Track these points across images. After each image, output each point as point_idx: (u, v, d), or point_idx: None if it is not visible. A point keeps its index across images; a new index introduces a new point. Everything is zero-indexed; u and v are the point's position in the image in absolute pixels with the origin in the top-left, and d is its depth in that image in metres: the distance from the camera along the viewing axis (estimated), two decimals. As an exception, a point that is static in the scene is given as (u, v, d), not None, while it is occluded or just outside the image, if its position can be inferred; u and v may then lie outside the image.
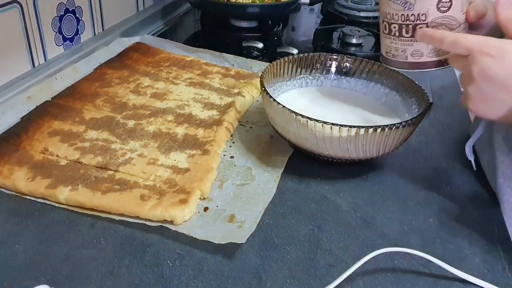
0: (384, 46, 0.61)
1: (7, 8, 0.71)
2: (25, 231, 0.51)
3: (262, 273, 0.48)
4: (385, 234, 0.54)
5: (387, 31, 0.58)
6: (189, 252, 0.50)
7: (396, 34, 0.57)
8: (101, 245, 0.50)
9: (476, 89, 0.49)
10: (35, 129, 0.65)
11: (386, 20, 0.58)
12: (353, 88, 0.77)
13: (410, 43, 0.57)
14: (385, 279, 0.49)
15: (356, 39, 1.03)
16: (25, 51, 0.76)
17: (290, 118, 0.59)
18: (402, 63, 0.59)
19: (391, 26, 0.57)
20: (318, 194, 0.60)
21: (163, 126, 0.69)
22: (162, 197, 0.55)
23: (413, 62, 0.58)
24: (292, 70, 0.75)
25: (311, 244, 0.52)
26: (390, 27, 0.58)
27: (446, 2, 0.53)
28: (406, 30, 0.56)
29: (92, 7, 0.91)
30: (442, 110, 0.83)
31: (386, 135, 0.58)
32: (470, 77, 0.49)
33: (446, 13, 0.54)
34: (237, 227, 0.53)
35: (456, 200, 0.61)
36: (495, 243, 0.54)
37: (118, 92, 0.77)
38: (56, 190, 0.55)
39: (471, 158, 0.64)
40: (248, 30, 1.09)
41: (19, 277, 0.46)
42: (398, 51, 0.58)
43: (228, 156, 0.66)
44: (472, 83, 0.49)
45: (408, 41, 0.57)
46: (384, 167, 0.66)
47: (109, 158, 0.61)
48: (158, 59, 0.90)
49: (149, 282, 0.46)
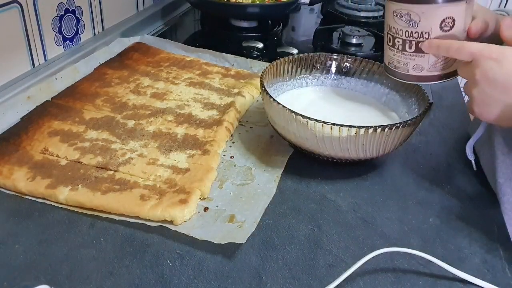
0: (387, 56, 0.62)
1: (7, 8, 0.71)
2: (25, 231, 0.51)
3: (262, 273, 0.48)
4: (385, 234, 0.54)
5: (391, 43, 0.60)
6: (189, 252, 0.50)
7: (400, 48, 0.59)
8: (101, 245, 0.50)
9: (479, 92, 0.52)
10: (35, 129, 0.65)
11: (390, 33, 0.59)
12: (353, 88, 0.77)
13: (412, 58, 0.58)
14: (385, 279, 0.49)
15: (356, 39, 1.03)
16: (25, 51, 0.76)
17: (290, 118, 0.59)
18: (404, 75, 0.61)
19: (395, 39, 0.59)
20: (318, 194, 0.60)
21: (163, 126, 0.69)
22: (162, 197, 0.55)
23: (414, 75, 0.60)
24: (292, 70, 0.75)
25: (311, 244, 0.52)
26: (394, 41, 0.59)
27: (449, 22, 0.55)
28: (409, 46, 0.58)
29: (92, 7, 0.91)
30: (442, 110, 0.83)
31: (386, 135, 0.58)
32: (474, 80, 0.51)
33: (449, 32, 0.55)
34: (237, 227, 0.53)
35: (456, 200, 0.61)
36: (495, 243, 0.54)
37: (118, 92, 0.77)
38: (56, 190, 0.55)
39: (471, 158, 0.64)
40: (248, 30, 1.09)
41: (19, 277, 0.46)
42: (400, 63, 0.60)
43: (228, 156, 0.66)
44: (475, 86, 0.52)
45: (410, 55, 0.58)
46: (384, 167, 0.66)
47: (109, 158, 0.61)
48: (158, 59, 0.90)
49: (149, 282, 0.46)
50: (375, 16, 1.20)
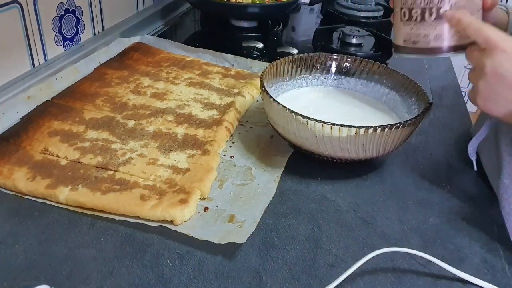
0: (402, 34, 0.60)
1: (7, 8, 0.71)
2: (25, 231, 0.51)
3: (262, 273, 0.48)
4: (385, 234, 0.54)
5: (407, 17, 0.58)
6: (189, 252, 0.50)
7: (418, 19, 0.57)
8: (101, 245, 0.50)
9: (485, 85, 0.50)
10: (35, 129, 0.65)
11: (405, 6, 0.58)
12: (353, 88, 0.77)
13: (433, 27, 0.56)
14: (385, 279, 0.49)
15: (356, 39, 1.03)
16: (25, 51, 0.76)
17: (290, 118, 0.59)
18: (424, 50, 0.58)
19: (411, 11, 0.57)
20: (318, 194, 0.60)
21: (163, 126, 0.69)
22: (162, 197, 0.55)
23: (434, 47, 0.57)
24: (292, 70, 0.75)
25: (311, 244, 0.52)
26: (411, 13, 0.57)
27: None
28: (430, 13, 0.56)
29: (92, 7, 0.91)
30: (442, 110, 0.83)
31: (386, 135, 0.58)
32: (482, 71, 0.50)
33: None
34: (237, 227, 0.53)
35: (456, 200, 0.61)
36: (495, 243, 0.54)
37: (118, 92, 0.77)
38: (56, 190, 0.55)
39: (473, 158, 0.64)
40: (248, 30, 1.09)
41: (19, 277, 0.46)
42: (420, 36, 0.58)
43: (228, 156, 0.66)
44: (482, 78, 0.50)
45: (431, 25, 0.56)
46: (384, 167, 0.66)
47: (109, 158, 0.61)
48: (158, 59, 0.90)
49: (149, 282, 0.46)
50: (375, 16, 1.20)
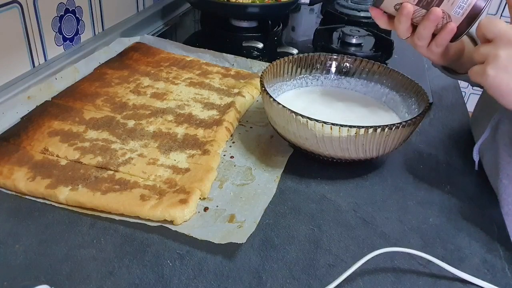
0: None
1: (7, 8, 0.71)
2: (25, 231, 0.51)
3: (262, 273, 0.48)
4: (385, 234, 0.54)
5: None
6: (189, 252, 0.50)
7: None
8: (101, 245, 0.50)
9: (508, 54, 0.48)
10: (35, 129, 0.65)
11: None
12: (353, 88, 0.77)
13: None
14: (385, 279, 0.49)
15: (356, 39, 1.03)
16: (25, 51, 0.76)
17: (290, 118, 0.59)
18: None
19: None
20: (318, 194, 0.60)
21: (163, 126, 0.69)
22: (162, 197, 0.55)
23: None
24: (292, 70, 0.75)
25: (311, 244, 0.52)
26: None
27: None
28: None
29: (92, 7, 0.91)
30: (442, 110, 0.83)
31: (386, 135, 0.58)
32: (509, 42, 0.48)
33: None
34: (237, 227, 0.53)
35: (456, 200, 0.61)
36: (495, 243, 0.54)
37: (118, 92, 0.77)
38: (56, 190, 0.55)
39: (476, 159, 0.64)
40: (248, 30, 1.09)
41: (19, 277, 0.46)
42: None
43: (228, 156, 0.66)
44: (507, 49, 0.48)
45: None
46: (384, 167, 0.66)
47: (109, 158, 0.61)
48: (158, 59, 0.90)
49: (149, 282, 0.46)
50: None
